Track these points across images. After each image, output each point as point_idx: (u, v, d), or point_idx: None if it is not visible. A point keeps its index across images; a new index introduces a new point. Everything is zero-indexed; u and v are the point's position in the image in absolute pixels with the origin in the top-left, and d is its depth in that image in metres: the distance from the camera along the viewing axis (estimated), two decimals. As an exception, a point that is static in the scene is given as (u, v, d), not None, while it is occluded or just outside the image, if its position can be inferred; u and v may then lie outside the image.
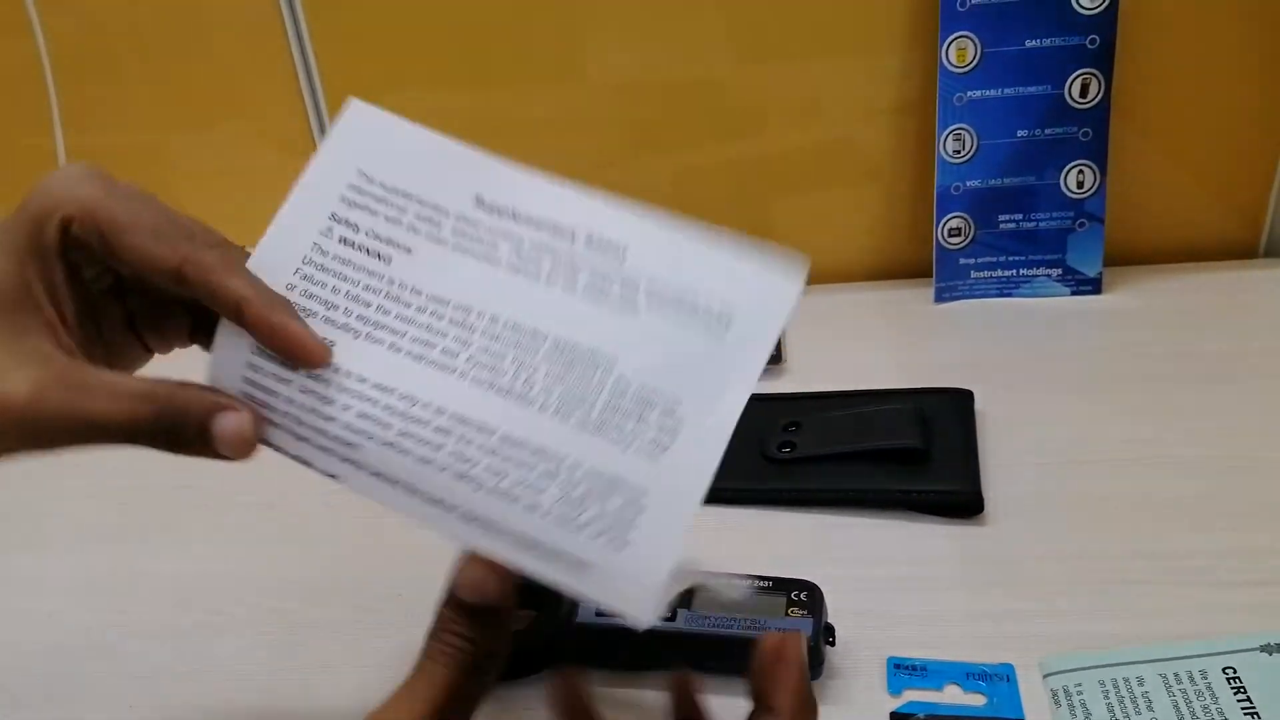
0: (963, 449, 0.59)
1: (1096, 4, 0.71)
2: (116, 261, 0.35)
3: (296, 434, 0.36)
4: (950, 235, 0.78)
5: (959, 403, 0.63)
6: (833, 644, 0.46)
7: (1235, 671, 0.44)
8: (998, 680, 0.45)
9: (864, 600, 0.50)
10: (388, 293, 0.37)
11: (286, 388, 0.36)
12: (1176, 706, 0.43)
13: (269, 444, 0.36)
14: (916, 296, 0.80)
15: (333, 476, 0.36)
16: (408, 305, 0.37)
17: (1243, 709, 0.42)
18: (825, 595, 0.47)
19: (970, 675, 0.46)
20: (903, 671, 0.46)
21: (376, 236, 0.38)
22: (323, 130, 0.83)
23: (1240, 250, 0.82)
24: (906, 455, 0.58)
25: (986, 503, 0.56)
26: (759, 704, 0.34)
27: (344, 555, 0.58)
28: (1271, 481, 0.56)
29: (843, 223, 0.84)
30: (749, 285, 0.36)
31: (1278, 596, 0.48)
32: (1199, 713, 0.42)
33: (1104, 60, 0.73)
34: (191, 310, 0.39)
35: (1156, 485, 0.57)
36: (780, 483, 0.59)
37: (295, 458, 0.36)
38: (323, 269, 0.37)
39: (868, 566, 0.53)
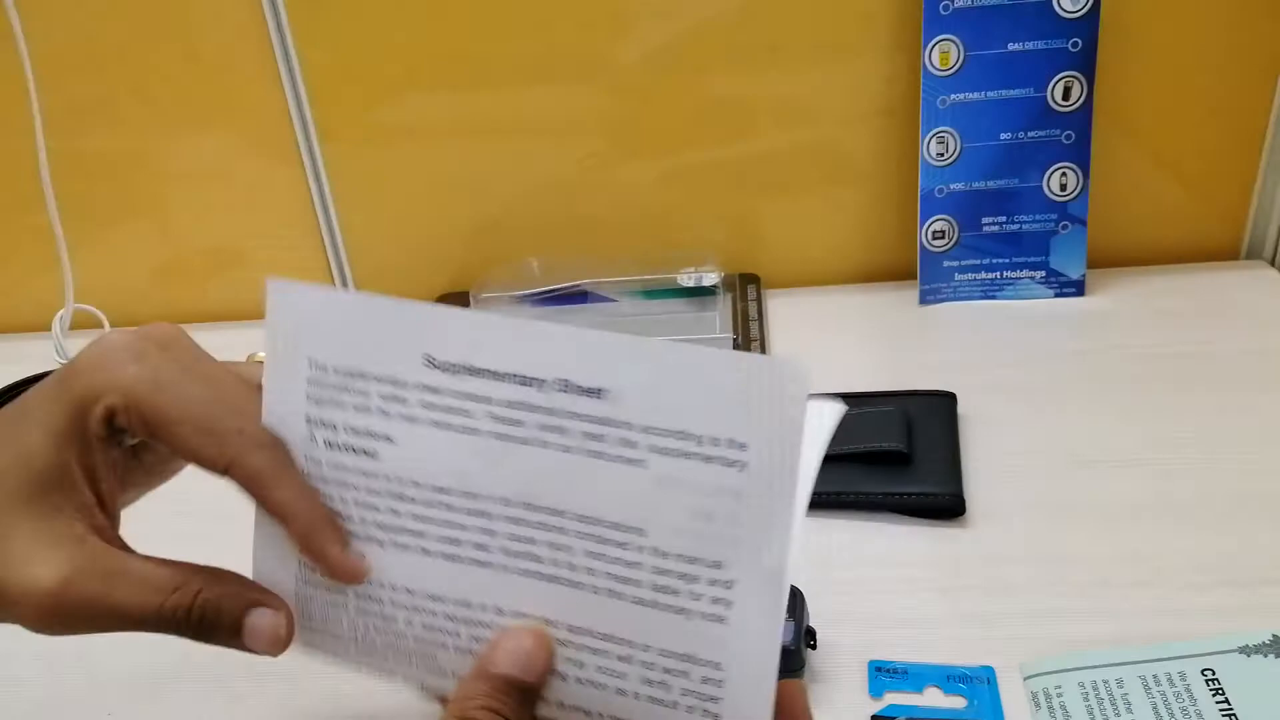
0: (946, 452, 0.59)
1: (1078, 7, 0.72)
2: (162, 446, 0.35)
3: (372, 659, 0.36)
4: (934, 238, 0.79)
5: (942, 405, 0.64)
6: (814, 647, 0.46)
7: (1214, 673, 0.44)
8: (978, 683, 0.45)
9: (845, 603, 0.50)
10: (390, 492, 0.35)
11: (343, 610, 0.36)
12: (1155, 708, 0.43)
13: (333, 658, 0.37)
14: (901, 299, 0.81)
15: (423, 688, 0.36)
16: (413, 501, 0.35)
17: (1221, 711, 0.42)
18: (806, 598, 0.47)
19: (951, 678, 0.46)
20: (884, 674, 0.46)
21: (354, 431, 0.35)
22: (308, 136, 0.83)
23: (1222, 252, 0.82)
24: (889, 458, 0.58)
25: (968, 505, 0.56)
26: None
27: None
28: (1251, 483, 0.56)
29: (828, 225, 0.84)
30: (751, 390, 0.30)
31: (1256, 598, 0.48)
32: (1178, 714, 0.42)
33: (1086, 63, 0.73)
34: None
35: (1137, 487, 0.57)
36: None
37: (382, 672, 0.36)
38: (324, 480, 0.36)
39: (849, 569, 0.53)
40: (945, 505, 0.56)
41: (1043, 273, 0.78)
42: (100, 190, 0.87)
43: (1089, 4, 0.71)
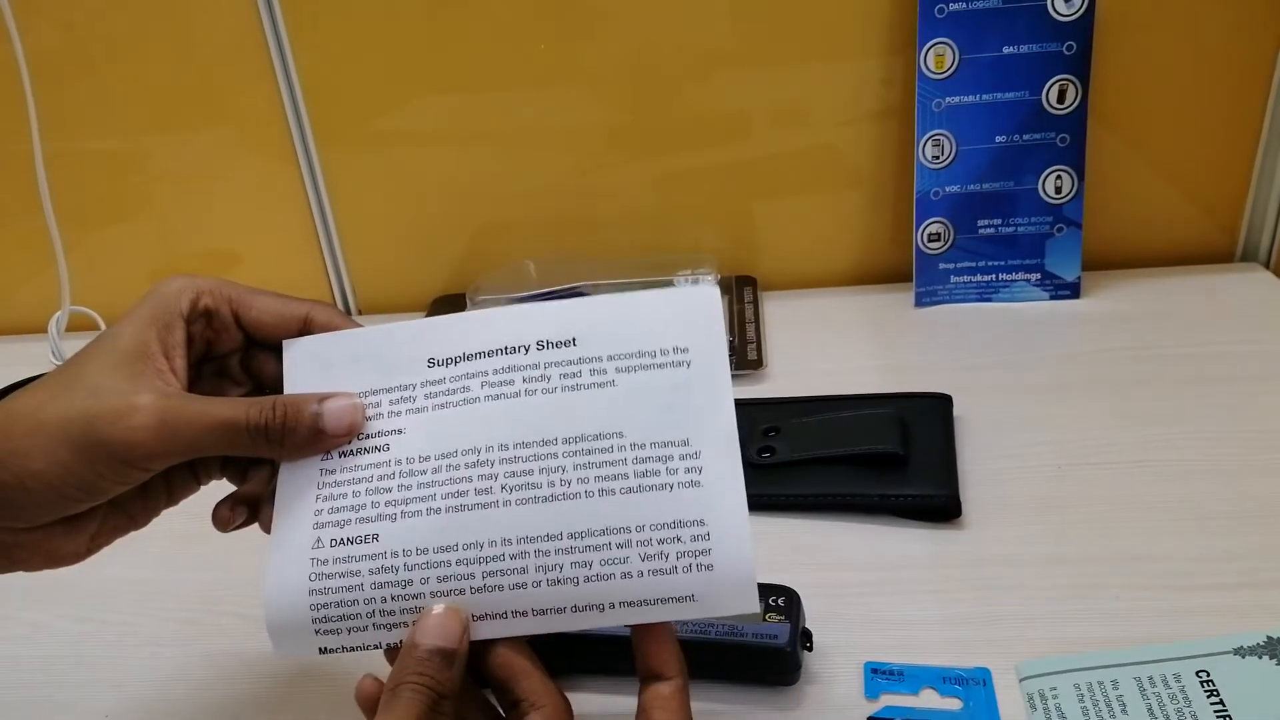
0: (942, 454, 0.60)
1: (1073, 10, 0.72)
2: (246, 321, 0.42)
3: (390, 624, 0.38)
4: (930, 240, 0.79)
5: (938, 408, 0.64)
6: (810, 649, 0.47)
7: (1209, 675, 0.44)
8: (974, 684, 0.45)
9: (841, 605, 0.50)
10: (400, 472, 0.39)
11: (359, 591, 0.38)
12: (1151, 710, 0.43)
13: (363, 647, 0.39)
14: (896, 301, 0.81)
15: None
16: (423, 473, 0.39)
17: (1216, 712, 0.42)
18: (803, 600, 0.47)
19: (947, 680, 0.46)
20: (880, 676, 0.46)
21: (368, 435, 0.40)
22: (304, 138, 0.83)
23: (1217, 254, 0.82)
24: (885, 460, 0.59)
25: (964, 507, 0.56)
26: (651, 676, 0.39)
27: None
28: (1246, 485, 0.56)
29: (823, 227, 0.84)
30: (682, 313, 0.40)
31: (1250, 599, 0.49)
32: (1172, 716, 0.42)
33: (1081, 66, 0.73)
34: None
35: (1133, 489, 0.57)
36: (760, 488, 0.59)
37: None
38: (338, 483, 0.40)
39: (845, 571, 0.53)
40: (941, 507, 0.56)
41: (1038, 275, 0.78)
42: (96, 192, 0.87)
43: (1084, 7, 0.72)
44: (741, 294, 0.83)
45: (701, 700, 0.46)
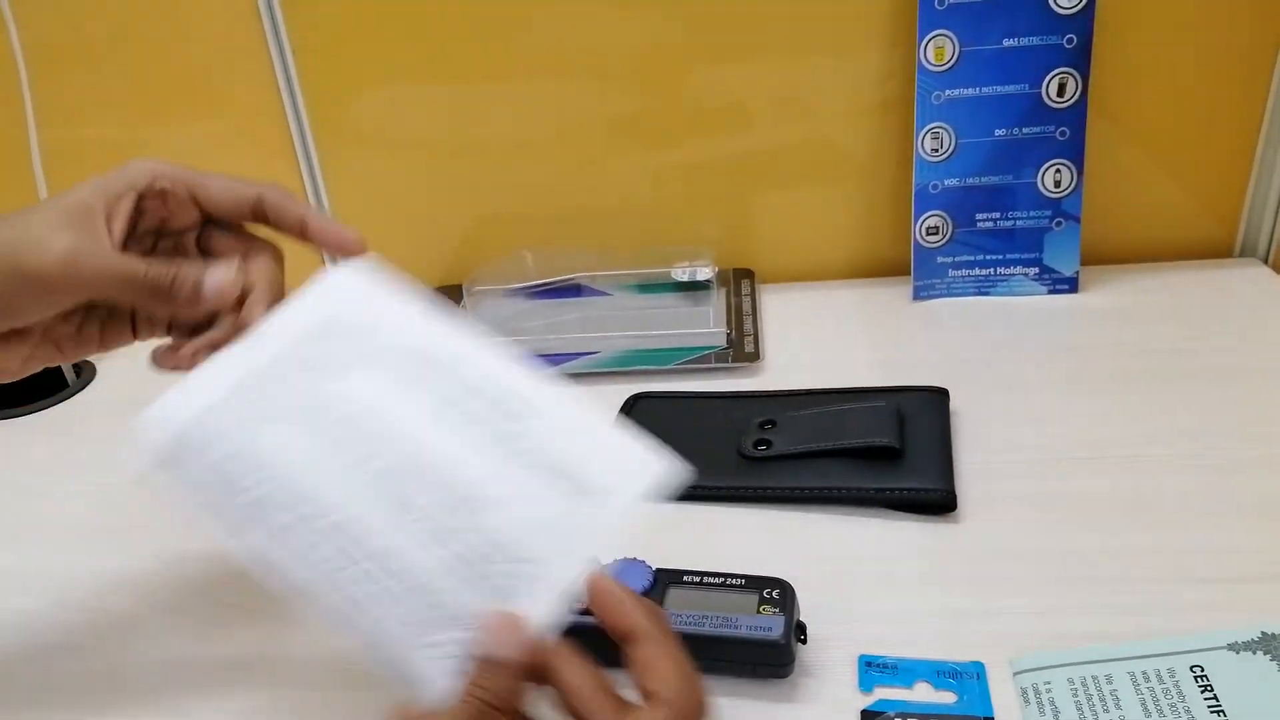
0: (937, 447, 0.59)
1: (1074, 4, 0.72)
2: (202, 199, 0.45)
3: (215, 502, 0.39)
4: (928, 233, 0.79)
5: (934, 401, 0.64)
6: (804, 642, 0.46)
7: (1203, 670, 0.44)
8: (968, 678, 0.45)
9: (836, 598, 0.50)
10: (325, 412, 0.40)
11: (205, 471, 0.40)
12: (1144, 704, 0.43)
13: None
14: (895, 294, 0.81)
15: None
16: (330, 422, 0.40)
17: (1209, 707, 0.42)
18: (797, 593, 0.47)
19: (941, 673, 0.46)
20: (874, 669, 0.46)
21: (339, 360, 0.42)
22: (301, 129, 0.82)
23: (1215, 250, 0.82)
24: (881, 453, 0.59)
25: (960, 501, 0.56)
26: (627, 640, 0.38)
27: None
28: (1242, 479, 0.56)
29: (822, 220, 0.84)
30: (616, 466, 0.40)
31: (1245, 594, 0.49)
32: (1166, 711, 0.42)
33: (1081, 59, 0.73)
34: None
35: (1129, 483, 0.57)
36: (756, 480, 0.60)
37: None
38: (276, 378, 0.41)
39: (840, 564, 0.53)
40: (936, 500, 0.56)
41: (1036, 269, 0.78)
42: (93, 181, 0.86)
43: (1084, 0, 0.71)
44: (739, 286, 0.83)
45: (695, 692, 0.46)
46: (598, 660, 0.47)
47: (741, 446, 0.62)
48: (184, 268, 0.43)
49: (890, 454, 0.58)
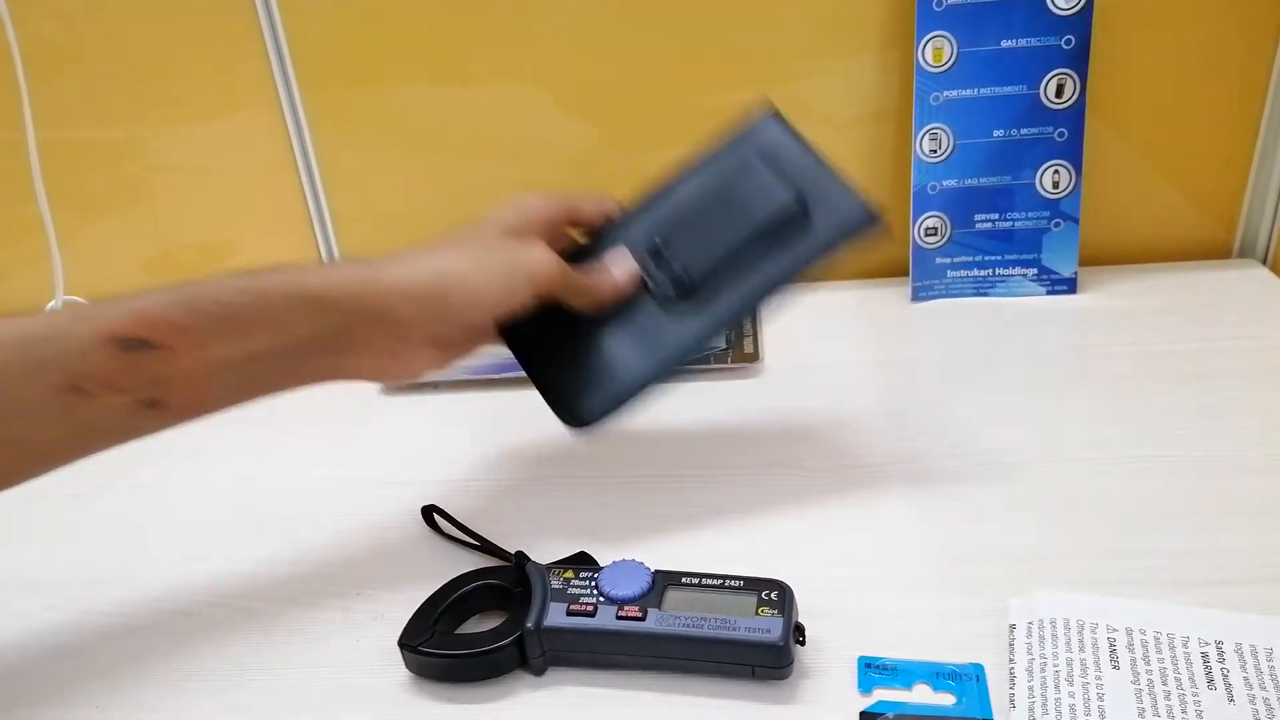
0: (823, 175, 0.55)
1: (1072, 5, 0.72)
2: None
3: None
4: (927, 234, 0.79)
5: (773, 136, 0.58)
6: (803, 643, 0.46)
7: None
8: (967, 680, 0.45)
9: (834, 599, 0.50)
10: None
11: None
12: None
13: None
14: (893, 295, 0.81)
15: None
16: None
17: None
18: (795, 594, 0.47)
19: (940, 675, 0.46)
20: (873, 671, 0.46)
21: None
22: (299, 129, 0.82)
23: (1214, 250, 0.82)
24: (786, 224, 0.54)
25: (959, 502, 0.56)
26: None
27: (318, 556, 0.58)
28: (1242, 481, 0.56)
29: (820, 221, 0.84)
30: None
31: (1247, 596, 0.48)
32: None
33: (1079, 61, 0.73)
34: None
35: (1128, 485, 0.57)
36: (681, 325, 0.55)
37: None
38: None
39: (839, 566, 0.53)
40: (866, 223, 0.53)
41: (1035, 270, 0.78)
42: (90, 182, 0.86)
43: (1082, 1, 0.71)
44: (738, 287, 0.83)
45: (694, 694, 0.46)
46: (597, 660, 0.48)
47: (646, 284, 0.56)
48: (594, 271, 0.55)
49: (796, 217, 0.54)
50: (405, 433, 0.70)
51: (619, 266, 0.55)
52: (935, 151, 0.77)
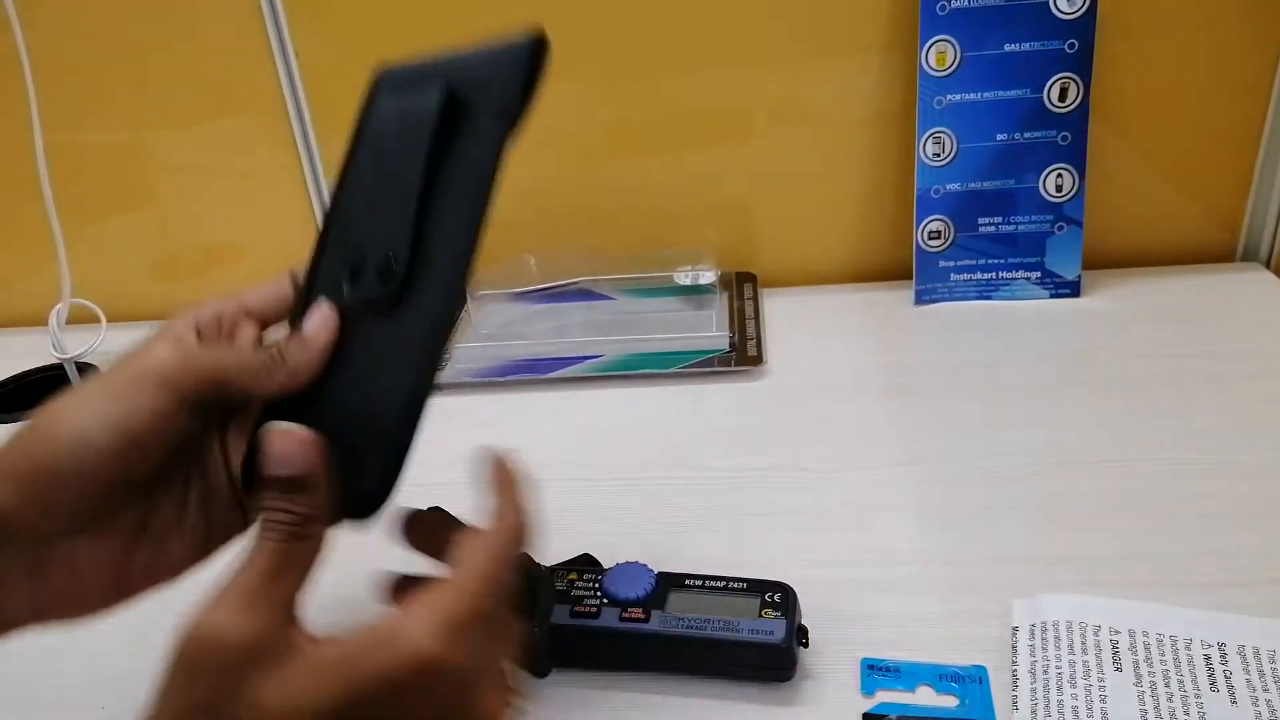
0: (458, 57, 0.47)
1: (1075, 8, 0.72)
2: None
3: None
4: (930, 238, 0.79)
5: (391, 80, 0.47)
6: (806, 645, 0.47)
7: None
8: (970, 682, 0.45)
9: (837, 602, 0.50)
10: None
11: None
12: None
13: None
14: (897, 298, 0.81)
15: None
16: None
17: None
18: (799, 596, 0.47)
19: (943, 677, 0.46)
20: (876, 672, 0.46)
21: None
22: (305, 130, 0.83)
23: (1217, 254, 0.82)
24: (451, 129, 0.44)
25: (961, 504, 0.56)
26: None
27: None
28: (1245, 484, 0.56)
29: (824, 224, 0.84)
30: None
31: (1252, 598, 0.48)
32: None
33: (1083, 64, 0.73)
34: None
35: (1132, 487, 0.57)
36: None
37: None
38: None
39: (842, 568, 0.53)
40: (534, 52, 0.44)
41: (1038, 273, 0.78)
42: (97, 184, 0.87)
43: (1086, 5, 0.72)
44: (741, 290, 0.83)
45: (698, 696, 0.46)
46: (600, 662, 0.48)
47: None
48: (281, 341, 0.41)
49: (456, 112, 0.44)
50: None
51: (309, 320, 0.41)
52: (939, 155, 0.77)
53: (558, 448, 0.66)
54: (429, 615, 0.33)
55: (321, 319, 0.41)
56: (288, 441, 0.36)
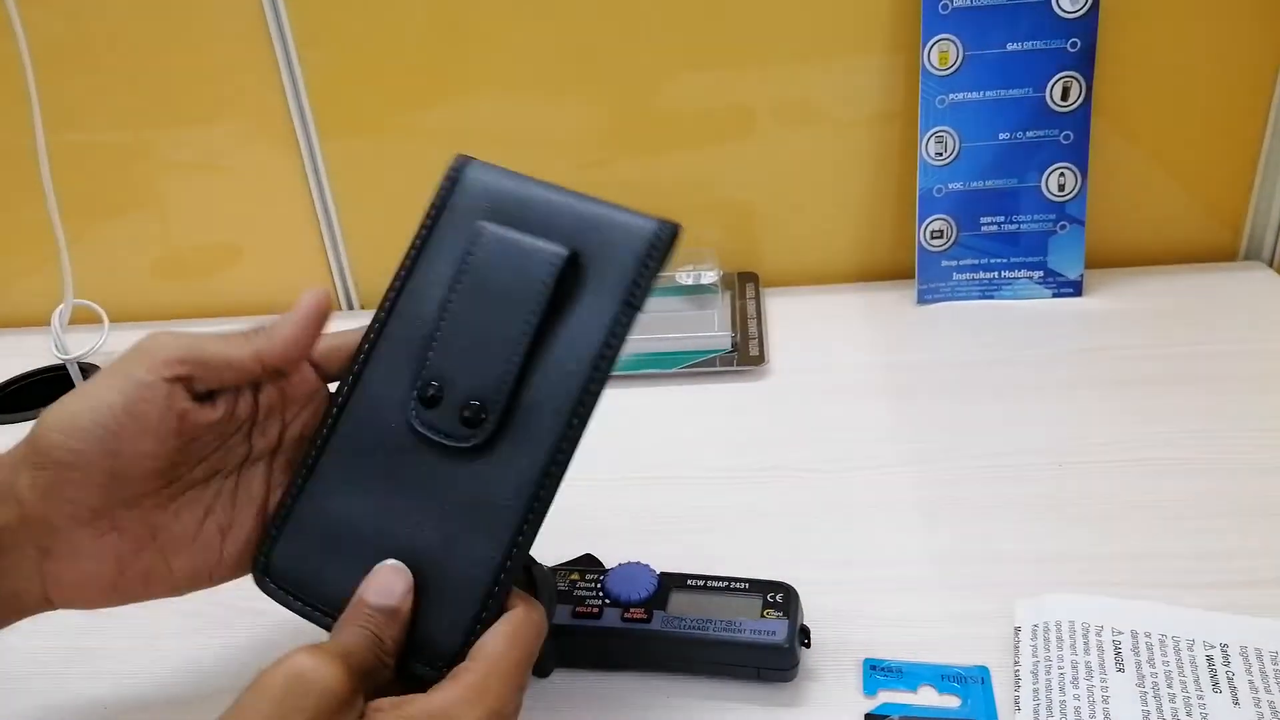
0: (579, 207, 0.46)
1: (1078, 7, 0.72)
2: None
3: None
4: (932, 237, 0.79)
5: (483, 182, 0.48)
6: (808, 645, 0.47)
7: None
8: (972, 682, 0.45)
9: (840, 602, 0.50)
10: None
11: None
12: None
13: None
14: (899, 298, 0.81)
15: None
16: None
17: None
18: (801, 596, 0.47)
19: (945, 677, 0.46)
20: (878, 673, 0.46)
21: None
22: (307, 131, 0.83)
23: (1220, 253, 0.82)
24: (568, 284, 0.43)
25: (961, 504, 0.56)
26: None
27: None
28: (1248, 483, 0.56)
29: (826, 224, 0.84)
30: None
31: (1254, 598, 0.48)
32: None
33: (1085, 63, 0.73)
34: None
35: (1134, 487, 0.57)
36: None
37: None
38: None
39: (844, 568, 0.53)
40: (666, 240, 0.44)
41: (1041, 273, 0.78)
42: (99, 184, 0.87)
43: (1088, 4, 0.71)
44: (743, 290, 0.83)
45: (699, 697, 0.46)
46: (602, 662, 0.48)
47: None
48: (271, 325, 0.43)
49: (575, 270, 0.43)
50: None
51: (301, 299, 0.43)
52: (941, 154, 0.77)
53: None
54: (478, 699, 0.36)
55: (313, 299, 0.44)
56: (393, 576, 0.39)
